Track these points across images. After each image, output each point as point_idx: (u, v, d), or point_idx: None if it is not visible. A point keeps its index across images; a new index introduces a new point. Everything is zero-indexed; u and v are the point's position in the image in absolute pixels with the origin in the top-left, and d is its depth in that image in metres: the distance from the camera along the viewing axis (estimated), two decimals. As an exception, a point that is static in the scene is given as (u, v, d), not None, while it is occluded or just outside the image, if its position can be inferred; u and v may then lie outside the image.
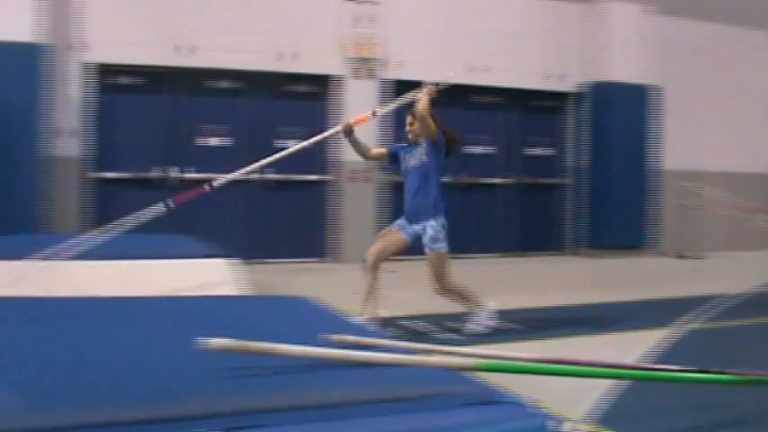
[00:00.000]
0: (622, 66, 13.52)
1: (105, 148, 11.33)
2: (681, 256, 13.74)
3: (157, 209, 6.81)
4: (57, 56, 10.77)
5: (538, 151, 14.06)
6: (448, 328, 7.21)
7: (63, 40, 10.91)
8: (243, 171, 7.53)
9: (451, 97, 13.00)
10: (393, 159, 7.32)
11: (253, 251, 11.15)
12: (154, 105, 11.70)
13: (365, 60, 12.13)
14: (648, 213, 13.90)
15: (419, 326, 7.34)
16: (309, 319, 4.33)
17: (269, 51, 11.67)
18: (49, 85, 10.55)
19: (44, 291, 5.95)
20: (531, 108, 13.98)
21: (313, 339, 3.35)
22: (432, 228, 6.88)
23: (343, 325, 4.09)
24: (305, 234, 12.32)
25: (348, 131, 7.16)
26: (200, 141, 11.83)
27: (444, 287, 7.06)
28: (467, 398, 2.92)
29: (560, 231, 14.14)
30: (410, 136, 7.11)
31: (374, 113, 7.56)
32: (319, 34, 11.90)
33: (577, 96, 13.91)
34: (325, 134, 7.69)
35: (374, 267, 7.00)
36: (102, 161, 11.28)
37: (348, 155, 11.95)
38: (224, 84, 12.04)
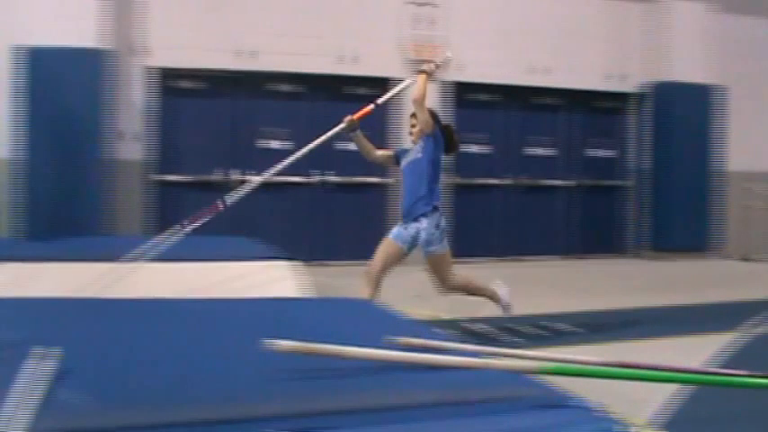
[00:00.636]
0: (685, 65, 13.32)
1: (167, 151, 11.46)
2: (745, 259, 13.52)
3: (175, 233, 6.81)
4: (120, 60, 10.92)
5: (599, 153, 13.93)
6: (508, 330, 7.18)
7: (126, 45, 11.08)
8: (256, 180, 7.62)
9: (512, 98, 13.04)
10: (398, 162, 7.13)
11: (313, 253, 11.21)
12: (215, 109, 11.81)
13: (426, 63, 12.09)
14: (712, 215, 13.70)
15: (479, 328, 7.31)
16: (373, 321, 4.34)
17: (329, 54, 11.72)
18: (112, 89, 10.70)
19: (109, 292, 6.06)
20: (593, 109, 13.85)
21: (377, 342, 3.36)
22: (425, 231, 6.66)
23: (407, 327, 4.09)
24: (365, 236, 12.30)
25: (352, 128, 7.08)
26: (261, 144, 11.91)
27: (449, 286, 6.93)
28: (533, 401, 2.91)
29: (622, 233, 13.98)
30: (412, 138, 7.00)
31: (376, 104, 7.38)
32: (380, 37, 11.92)
33: (639, 97, 13.75)
34: (330, 133, 7.46)
35: (377, 281, 6.73)
36: (164, 164, 11.42)
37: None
38: (285, 87, 12.12)
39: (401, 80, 11.98)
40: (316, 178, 12.02)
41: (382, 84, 12.17)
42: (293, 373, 3.01)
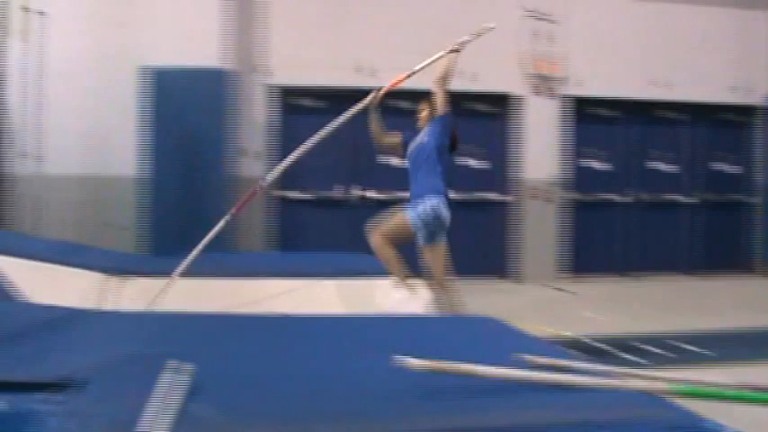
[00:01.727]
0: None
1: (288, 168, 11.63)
2: None
3: (223, 222, 7.07)
4: (242, 80, 11.17)
5: (724, 168, 13.57)
6: (633, 349, 7.06)
7: (248, 65, 11.32)
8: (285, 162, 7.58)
9: (633, 113, 12.84)
10: (405, 149, 6.99)
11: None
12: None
13: (545, 78, 12.05)
14: None
15: (603, 347, 7.21)
16: (500, 339, 4.32)
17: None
18: (234, 107, 10.94)
19: (236, 307, 6.19)
20: (717, 123, 13.50)
21: (504, 360, 3.34)
22: (418, 215, 6.48)
23: (532, 345, 4.07)
24: (486, 253, 12.30)
25: (378, 101, 7.02)
26: (382, 161, 11.99)
27: (438, 281, 6.68)
28: (667, 423, 2.86)
29: (748, 251, 13.58)
30: (419, 123, 6.89)
31: (408, 75, 7.18)
32: (498, 53, 11.87)
33: (766, 110, 13.37)
34: (358, 106, 7.23)
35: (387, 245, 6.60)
36: (285, 181, 11.59)
37: (529, 172, 11.97)
38: (403, 104, 12.17)
39: (520, 96, 12.05)
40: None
41: (501, 100, 12.17)
42: (423, 391, 3.02)
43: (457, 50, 6.78)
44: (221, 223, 7.11)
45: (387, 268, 6.66)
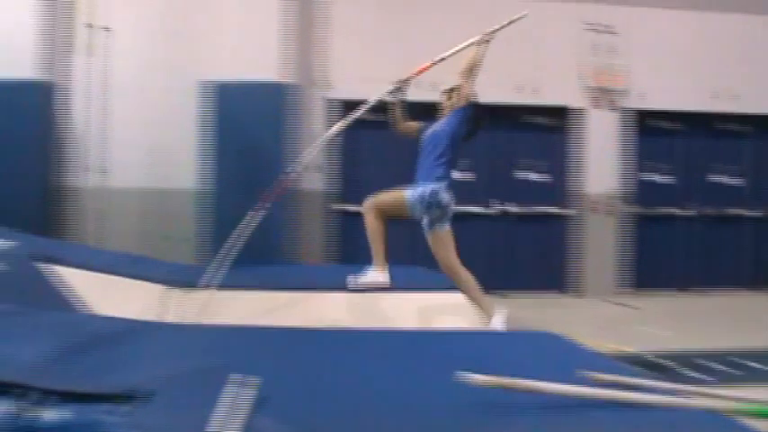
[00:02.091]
0: None
1: (348, 181, 11.71)
2: None
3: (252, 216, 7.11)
4: (302, 93, 11.24)
5: (791, 181, 13.34)
6: (696, 366, 6.95)
7: (308, 79, 11.40)
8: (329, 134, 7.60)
9: (695, 125, 12.68)
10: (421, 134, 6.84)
11: (492, 283, 11.18)
12: (391, 139, 11.95)
13: (606, 91, 11.96)
14: None
15: (665, 363, 7.10)
16: (562, 355, 4.30)
17: (509, 84, 11.71)
18: (294, 121, 11.01)
19: (297, 320, 6.22)
20: (782, 135, 13.29)
21: (567, 376, 3.32)
22: (416, 197, 6.42)
23: (596, 362, 4.03)
24: (545, 267, 12.22)
25: (404, 86, 6.92)
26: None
27: (447, 268, 6.58)
28: (734, 443, 2.82)
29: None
30: (443, 112, 6.75)
31: (435, 62, 7.05)
32: (559, 66, 11.82)
33: (833, 122, 13.11)
34: (377, 97, 7.14)
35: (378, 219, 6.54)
36: (345, 194, 11.65)
37: (590, 186, 11.88)
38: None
39: (581, 109, 11.97)
40: (496, 209, 12.00)
41: (562, 113, 12.10)
42: (486, 407, 3.01)
43: (487, 41, 6.64)
44: (250, 219, 7.12)
45: (370, 239, 6.57)
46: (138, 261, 8.14)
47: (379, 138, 11.84)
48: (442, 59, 7.02)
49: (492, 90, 11.56)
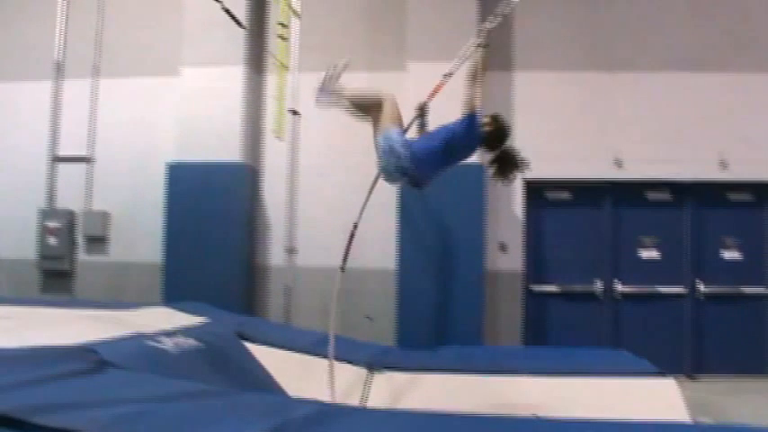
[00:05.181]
0: None
1: (539, 261, 11.64)
2: None
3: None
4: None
5: None
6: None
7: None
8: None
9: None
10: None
11: (688, 367, 10.81)
12: (584, 218, 11.78)
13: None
14: None
15: None
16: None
17: (701, 160, 11.37)
18: (492, 202, 11.19)
19: (485, 405, 6.08)
20: None
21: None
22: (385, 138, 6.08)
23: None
24: (744, 350, 11.60)
25: (422, 110, 6.50)
26: (641, 252, 11.70)
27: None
28: None
29: None
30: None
31: (445, 76, 6.64)
32: (752, 140, 11.36)
33: None
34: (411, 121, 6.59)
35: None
36: (536, 274, 11.58)
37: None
38: (654, 195, 11.85)
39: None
40: (689, 289, 11.56)
41: (757, 188, 11.56)
42: None
43: (486, 45, 6.21)
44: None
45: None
46: (338, 341, 8.16)
47: (565, 216, 11.74)
48: (450, 75, 6.72)
49: (686, 167, 11.31)
